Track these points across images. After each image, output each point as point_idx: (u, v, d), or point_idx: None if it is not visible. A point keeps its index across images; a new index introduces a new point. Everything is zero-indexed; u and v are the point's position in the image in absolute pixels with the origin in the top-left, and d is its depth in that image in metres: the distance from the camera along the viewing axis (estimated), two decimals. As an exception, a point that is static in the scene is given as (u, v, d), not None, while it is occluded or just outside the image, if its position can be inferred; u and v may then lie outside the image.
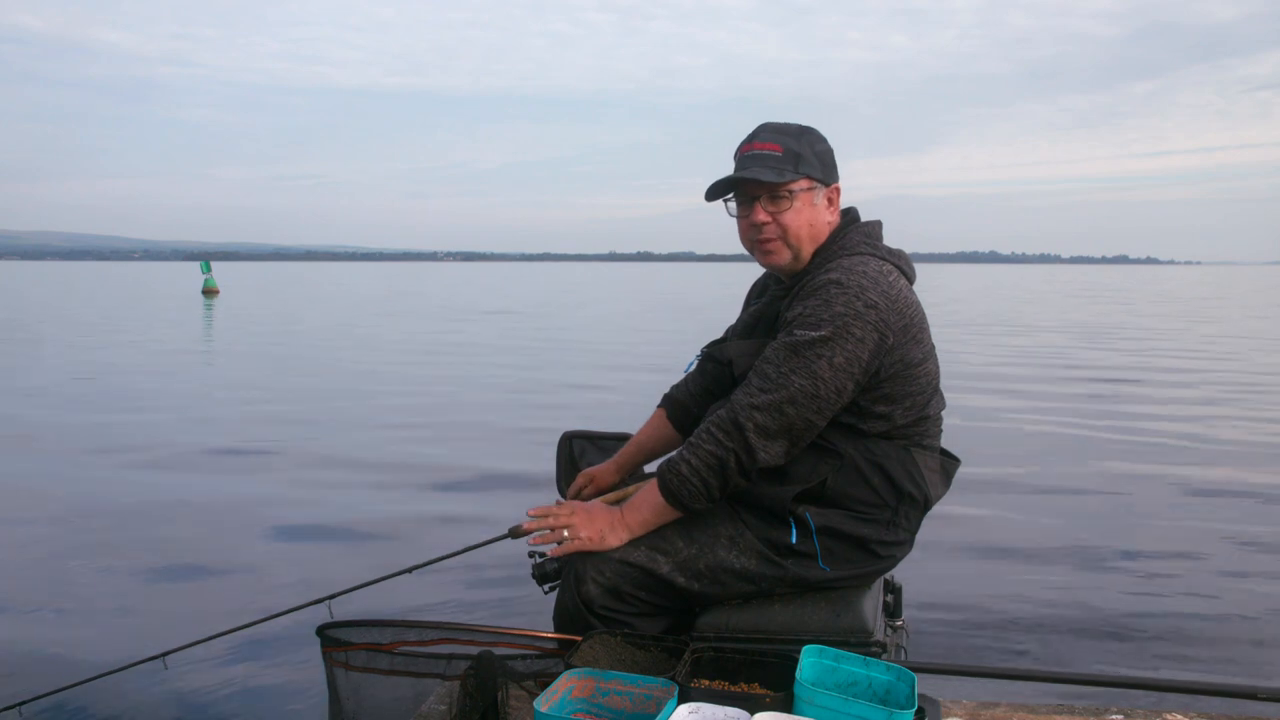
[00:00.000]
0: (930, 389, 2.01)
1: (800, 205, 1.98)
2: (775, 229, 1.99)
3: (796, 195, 1.97)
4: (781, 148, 1.96)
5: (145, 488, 6.19)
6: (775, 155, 1.96)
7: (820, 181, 2.00)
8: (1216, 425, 8.61)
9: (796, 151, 1.96)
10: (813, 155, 1.99)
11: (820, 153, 2.00)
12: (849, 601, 1.93)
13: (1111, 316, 26.55)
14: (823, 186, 2.01)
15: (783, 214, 1.97)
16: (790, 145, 1.97)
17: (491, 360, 14.34)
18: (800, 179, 1.96)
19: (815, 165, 1.99)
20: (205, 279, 38.71)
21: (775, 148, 1.96)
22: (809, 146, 1.99)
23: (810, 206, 1.99)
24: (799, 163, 1.96)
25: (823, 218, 2.02)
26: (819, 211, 2.01)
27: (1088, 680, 2.41)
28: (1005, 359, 14.22)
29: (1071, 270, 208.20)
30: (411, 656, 1.92)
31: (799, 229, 1.98)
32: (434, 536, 4.92)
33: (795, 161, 1.96)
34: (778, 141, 1.97)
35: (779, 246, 2.01)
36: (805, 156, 1.97)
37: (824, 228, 2.02)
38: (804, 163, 1.97)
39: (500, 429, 8.39)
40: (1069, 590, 4.25)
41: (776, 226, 1.98)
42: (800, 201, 1.98)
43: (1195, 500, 5.88)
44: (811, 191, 1.99)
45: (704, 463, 1.89)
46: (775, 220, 1.98)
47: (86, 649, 3.59)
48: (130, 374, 12.47)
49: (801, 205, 1.98)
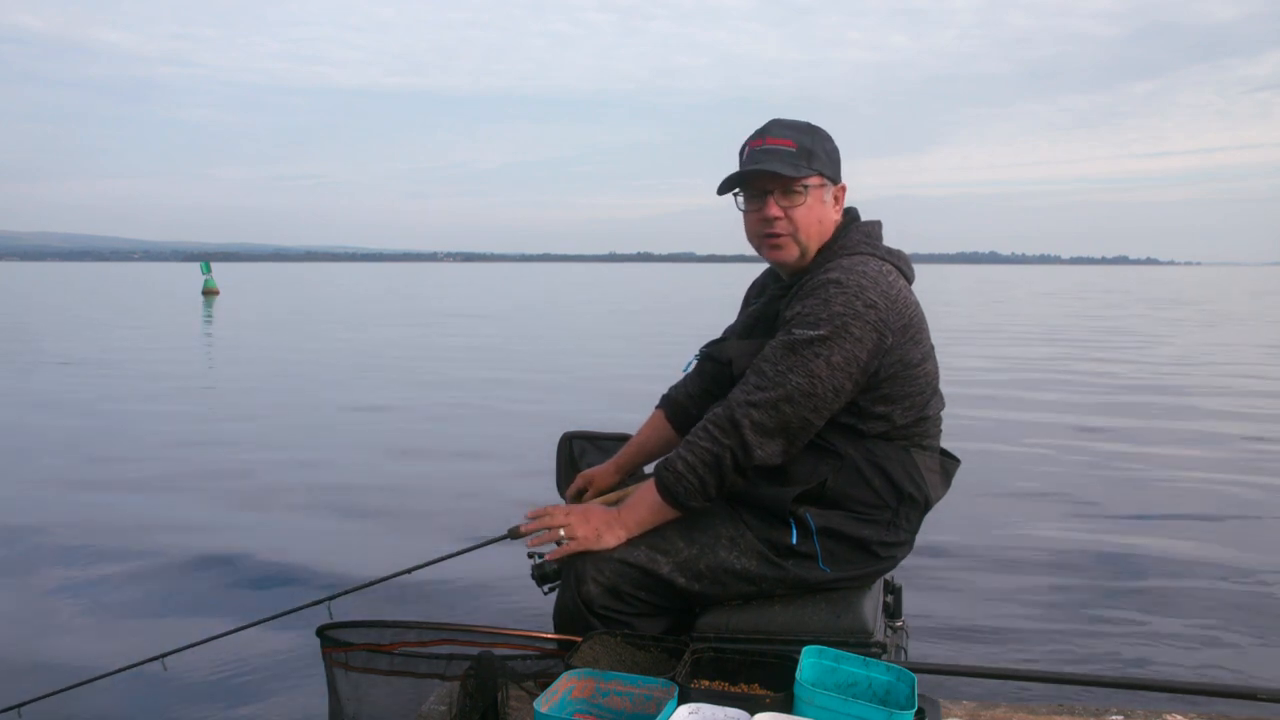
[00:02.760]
0: (930, 389, 2.01)
1: (812, 202, 1.98)
2: (787, 224, 1.99)
3: (810, 191, 1.98)
4: (795, 143, 1.97)
5: (145, 487, 6.19)
6: (789, 151, 1.96)
7: (830, 179, 2.01)
8: (1215, 427, 8.61)
9: (810, 148, 1.97)
10: (824, 153, 2.00)
11: (830, 151, 2.02)
12: (849, 602, 1.93)
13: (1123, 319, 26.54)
14: (832, 185, 2.02)
15: (795, 209, 1.98)
16: (804, 141, 1.98)
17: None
18: (814, 175, 1.97)
19: (827, 163, 2.00)
20: (205, 280, 38.68)
21: (788, 143, 1.97)
22: (821, 144, 2.00)
23: (820, 204, 2.00)
24: (812, 159, 1.97)
25: (830, 216, 2.03)
26: (827, 209, 2.02)
27: (1088, 680, 2.41)
28: (1005, 359, 14.25)
29: (1072, 271, 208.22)
30: (411, 657, 1.91)
31: (809, 225, 1.99)
32: (434, 537, 4.92)
33: (809, 157, 1.97)
34: (790, 137, 1.98)
35: (788, 242, 2.01)
36: (818, 153, 1.98)
37: (830, 226, 2.03)
38: (816, 159, 1.97)
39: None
40: (1069, 590, 4.25)
41: (788, 222, 1.98)
42: (813, 198, 1.98)
43: (1195, 501, 5.87)
44: (823, 189, 2.00)
45: (700, 460, 1.89)
46: (788, 215, 1.98)
47: (86, 649, 3.59)
48: (130, 373, 12.47)
49: (813, 202, 1.98)
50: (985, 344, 17.09)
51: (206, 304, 32.44)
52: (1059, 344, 17.32)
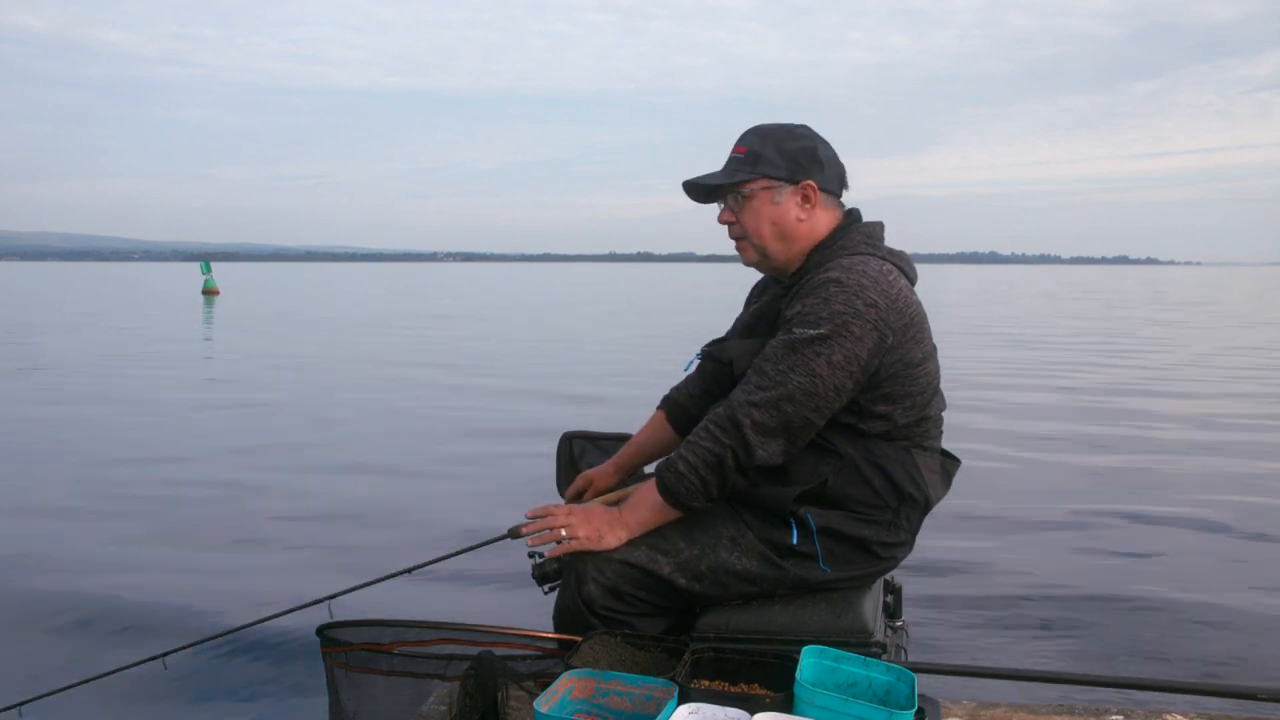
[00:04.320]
0: (930, 389, 2.00)
1: (759, 205, 2.00)
2: (738, 229, 2.05)
3: (755, 195, 2.00)
4: (746, 149, 2.02)
5: (141, 486, 6.19)
6: (738, 157, 2.02)
7: (783, 180, 2.00)
8: (1218, 424, 8.60)
9: (757, 151, 2.00)
10: (776, 154, 1.99)
11: (789, 151, 2.00)
12: (849, 602, 1.93)
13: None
14: (787, 184, 2.00)
15: (741, 214, 2.03)
16: (754, 145, 2.01)
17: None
18: (756, 179, 1.99)
19: (778, 164, 1.99)
20: (205, 279, 38.71)
21: (742, 149, 2.02)
22: (776, 145, 2.00)
23: (771, 205, 2.00)
24: (757, 163, 1.99)
25: (790, 215, 2.00)
26: (783, 209, 2.00)
27: (1088, 680, 2.40)
28: (1004, 359, 14.24)
29: (1072, 270, 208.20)
30: (411, 657, 1.91)
31: (759, 228, 2.01)
32: (434, 536, 4.92)
33: (754, 161, 1.99)
34: (746, 143, 2.03)
35: (745, 246, 2.07)
36: (766, 156, 1.99)
37: (795, 225, 2.01)
38: (763, 162, 1.99)
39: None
40: (1069, 590, 4.25)
41: (739, 226, 2.04)
42: (759, 201, 2.00)
43: (1195, 501, 5.87)
44: (771, 190, 2.00)
45: (701, 460, 1.89)
46: (738, 220, 2.04)
47: (86, 649, 3.59)
48: (129, 373, 12.47)
49: (760, 205, 2.00)
50: (985, 343, 17.09)
51: (207, 303, 32.45)
52: (1060, 344, 17.32)
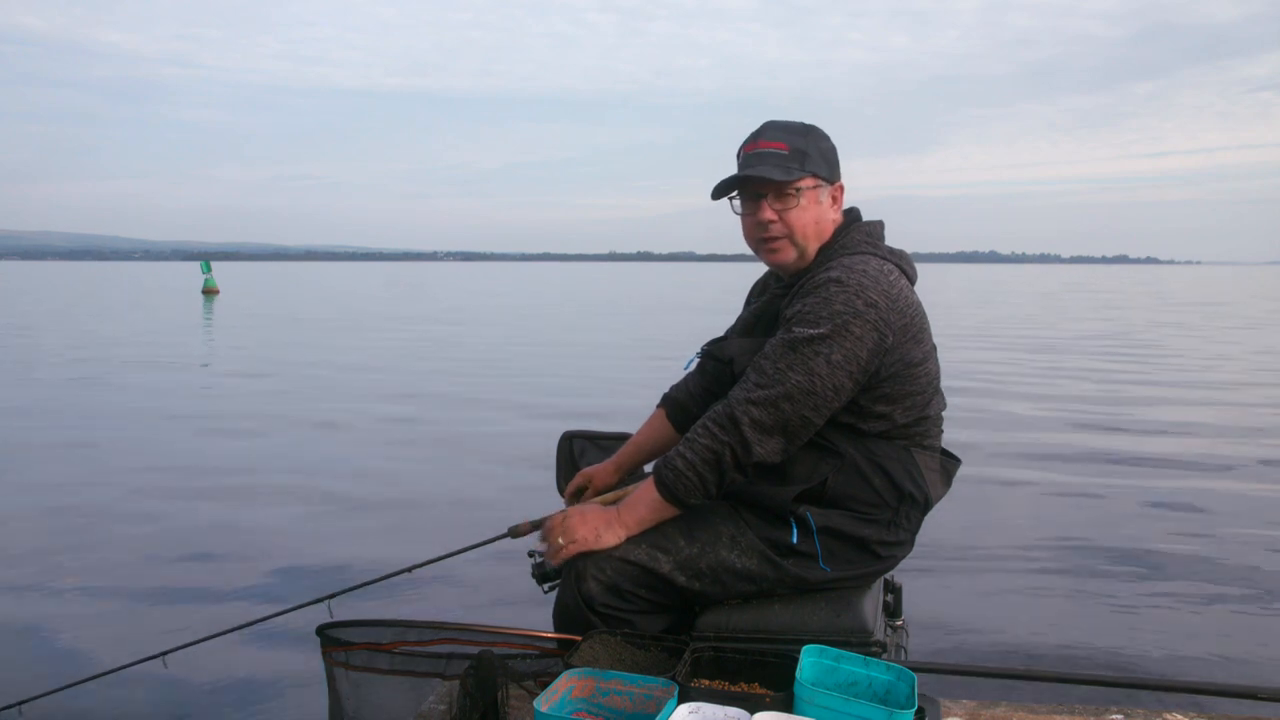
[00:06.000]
0: (931, 389, 2.00)
1: (806, 203, 1.98)
2: (781, 227, 1.99)
3: (803, 193, 1.97)
4: (788, 146, 1.96)
5: (142, 486, 6.19)
6: (781, 153, 1.96)
7: (825, 180, 2.00)
8: (1217, 425, 8.60)
9: (803, 149, 1.96)
10: (818, 153, 1.99)
11: (825, 150, 2.01)
12: (849, 601, 1.93)
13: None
14: (827, 185, 2.01)
15: (789, 212, 1.98)
16: (796, 143, 1.97)
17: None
18: (806, 177, 1.97)
19: (821, 163, 1.99)
20: (205, 279, 38.73)
21: (781, 146, 1.96)
22: (815, 144, 1.99)
23: (816, 204, 1.99)
24: (805, 160, 1.96)
25: (827, 216, 2.02)
26: (824, 210, 2.01)
27: (1088, 680, 2.40)
28: (1005, 359, 14.24)
29: (1072, 270, 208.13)
30: (411, 656, 1.91)
31: (805, 227, 1.98)
32: (434, 536, 4.92)
33: (801, 159, 1.96)
34: (783, 139, 1.97)
35: (784, 245, 2.01)
36: (811, 154, 1.97)
37: (829, 226, 2.03)
38: (810, 160, 1.97)
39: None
40: (1069, 590, 4.25)
41: (782, 225, 1.98)
42: (806, 200, 1.98)
43: (1195, 501, 5.87)
44: (817, 190, 1.99)
45: (700, 457, 1.89)
46: (781, 219, 1.98)
47: (86, 649, 3.59)
48: (129, 371, 12.47)
49: (808, 203, 1.98)
50: (985, 344, 17.09)
51: (207, 303, 32.45)
52: (1057, 346, 17.32)
